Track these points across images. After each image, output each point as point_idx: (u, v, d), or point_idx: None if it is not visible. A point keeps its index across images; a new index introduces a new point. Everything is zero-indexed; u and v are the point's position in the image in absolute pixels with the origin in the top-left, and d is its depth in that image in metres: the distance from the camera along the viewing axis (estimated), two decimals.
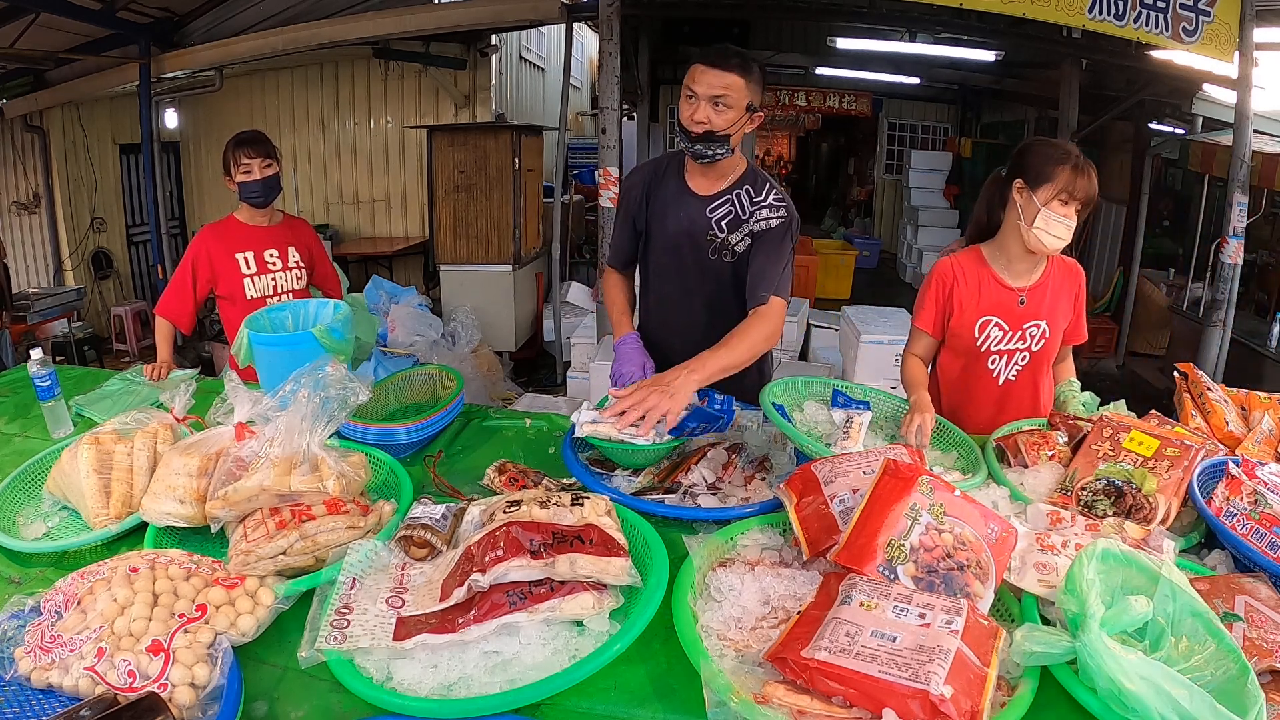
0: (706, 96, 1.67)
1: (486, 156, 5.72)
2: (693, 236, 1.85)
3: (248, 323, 1.76)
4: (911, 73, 9.19)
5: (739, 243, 1.83)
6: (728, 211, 1.83)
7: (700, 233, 1.84)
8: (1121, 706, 0.86)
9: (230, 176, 2.41)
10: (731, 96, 1.67)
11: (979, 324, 1.85)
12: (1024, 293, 1.83)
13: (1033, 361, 1.87)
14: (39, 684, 0.93)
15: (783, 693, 0.90)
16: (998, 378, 1.89)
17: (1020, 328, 1.84)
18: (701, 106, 1.68)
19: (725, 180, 1.84)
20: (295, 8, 5.71)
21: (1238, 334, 4.74)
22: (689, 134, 1.71)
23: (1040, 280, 1.83)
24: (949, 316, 1.88)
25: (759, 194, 1.83)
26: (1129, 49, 4.71)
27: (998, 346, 1.86)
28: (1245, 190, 4.17)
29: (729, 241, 1.84)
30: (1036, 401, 1.90)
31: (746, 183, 1.84)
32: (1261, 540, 1.19)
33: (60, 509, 1.41)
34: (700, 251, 1.85)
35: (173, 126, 7.12)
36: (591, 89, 11.45)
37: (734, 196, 1.83)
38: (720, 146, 1.73)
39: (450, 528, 1.18)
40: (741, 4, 6.56)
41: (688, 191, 1.85)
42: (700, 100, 1.68)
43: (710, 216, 1.83)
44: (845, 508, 1.17)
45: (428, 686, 0.95)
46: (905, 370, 1.93)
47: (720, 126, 1.69)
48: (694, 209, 1.84)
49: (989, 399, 1.90)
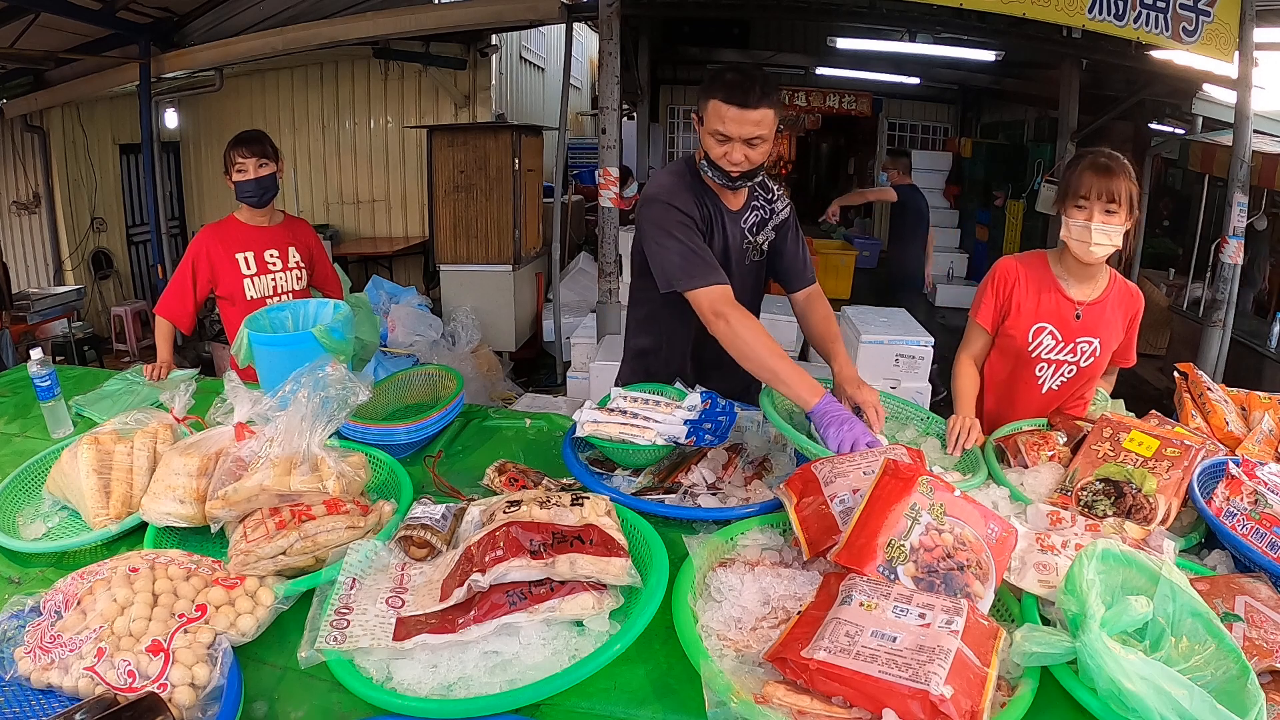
0: (741, 138, 1.63)
1: (486, 156, 5.72)
2: (735, 249, 1.85)
3: (248, 323, 1.76)
4: (911, 73, 9.18)
5: (764, 241, 1.90)
6: (756, 217, 1.87)
7: (738, 245, 1.86)
8: (1122, 707, 0.86)
9: (228, 177, 2.42)
10: (765, 132, 1.64)
11: (1033, 329, 1.82)
12: (1082, 307, 1.80)
13: (1079, 375, 1.85)
14: (39, 684, 0.93)
15: (783, 693, 0.90)
16: (1042, 385, 1.87)
17: (1073, 340, 1.82)
18: (737, 148, 1.64)
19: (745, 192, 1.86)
20: (295, 8, 5.70)
21: (1238, 334, 4.74)
22: (729, 175, 1.68)
23: (1100, 298, 1.81)
24: (1005, 316, 1.87)
25: (766, 190, 1.91)
26: (1129, 49, 4.71)
27: (1048, 355, 1.84)
28: (1245, 190, 4.17)
29: (758, 243, 1.89)
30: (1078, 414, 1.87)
31: (756, 187, 1.88)
32: (1261, 540, 1.19)
33: (60, 509, 1.41)
34: (740, 261, 1.86)
35: (173, 126, 7.11)
36: (591, 89, 11.44)
37: (755, 203, 1.88)
38: (756, 175, 1.74)
39: (450, 528, 1.18)
40: (741, 4, 6.56)
41: (725, 210, 1.84)
42: (735, 143, 1.64)
43: (743, 226, 1.86)
44: (845, 508, 1.17)
45: (428, 686, 0.95)
46: (957, 378, 1.90)
47: (758, 161, 1.68)
48: (731, 224, 1.84)
49: (1031, 405, 1.88)
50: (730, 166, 1.66)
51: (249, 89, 7.15)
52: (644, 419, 1.46)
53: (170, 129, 7.09)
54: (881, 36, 7.14)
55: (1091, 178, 1.65)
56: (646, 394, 1.58)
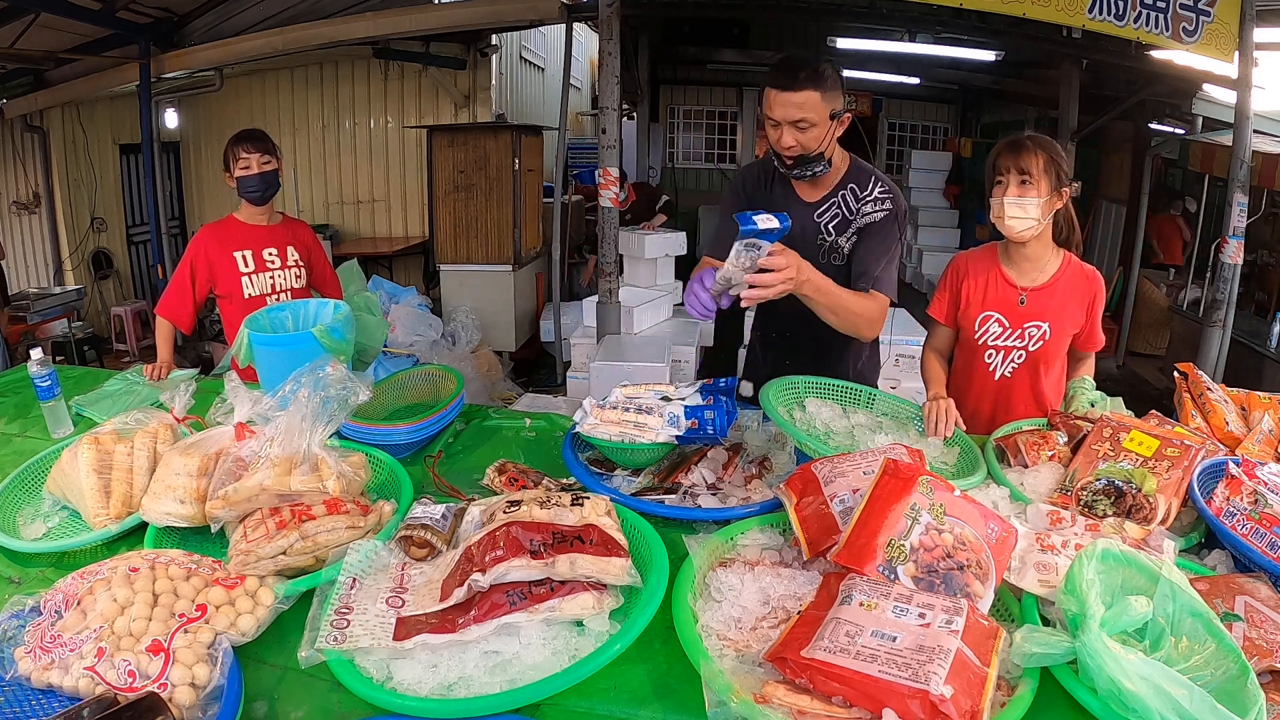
0: (787, 121, 1.66)
1: (486, 156, 5.72)
2: (803, 243, 1.81)
3: (248, 322, 1.76)
4: (911, 73, 9.18)
5: (846, 244, 1.85)
6: (835, 214, 1.84)
7: (810, 238, 1.84)
8: (1122, 706, 0.86)
9: (230, 173, 2.41)
10: (811, 115, 1.65)
11: (980, 318, 1.90)
12: (1027, 292, 1.86)
13: (1029, 360, 1.89)
14: (39, 684, 0.93)
15: (783, 693, 0.89)
16: (994, 372, 1.93)
17: (1020, 326, 1.88)
18: (786, 132, 1.67)
19: (830, 184, 1.85)
20: (295, 8, 5.70)
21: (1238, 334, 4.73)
22: (783, 160, 1.72)
23: (1048, 283, 1.86)
24: (958, 308, 1.95)
25: (864, 189, 1.84)
26: (1129, 49, 4.70)
27: (995, 342, 1.90)
28: (1245, 190, 4.17)
29: (838, 244, 1.85)
30: (1037, 400, 1.92)
31: (851, 181, 1.84)
32: (1261, 540, 1.19)
33: (60, 509, 1.41)
34: (811, 258, 1.78)
35: (173, 126, 7.12)
36: (591, 89, 11.44)
37: (839, 198, 1.84)
38: (817, 164, 1.74)
39: (450, 528, 1.18)
40: (742, 4, 6.56)
41: (795, 198, 1.85)
42: (783, 126, 1.67)
43: (818, 221, 1.84)
44: (845, 508, 1.17)
45: (428, 686, 0.95)
46: (923, 367, 2.01)
47: (810, 147, 1.69)
48: (802, 215, 1.82)
49: (986, 392, 1.95)
50: (783, 152, 1.70)
51: (249, 89, 7.15)
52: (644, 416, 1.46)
53: (170, 129, 7.09)
54: (881, 36, 7.14)
55: (1004, 155, 1.74)
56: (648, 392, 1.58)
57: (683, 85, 10.30)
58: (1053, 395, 1.94)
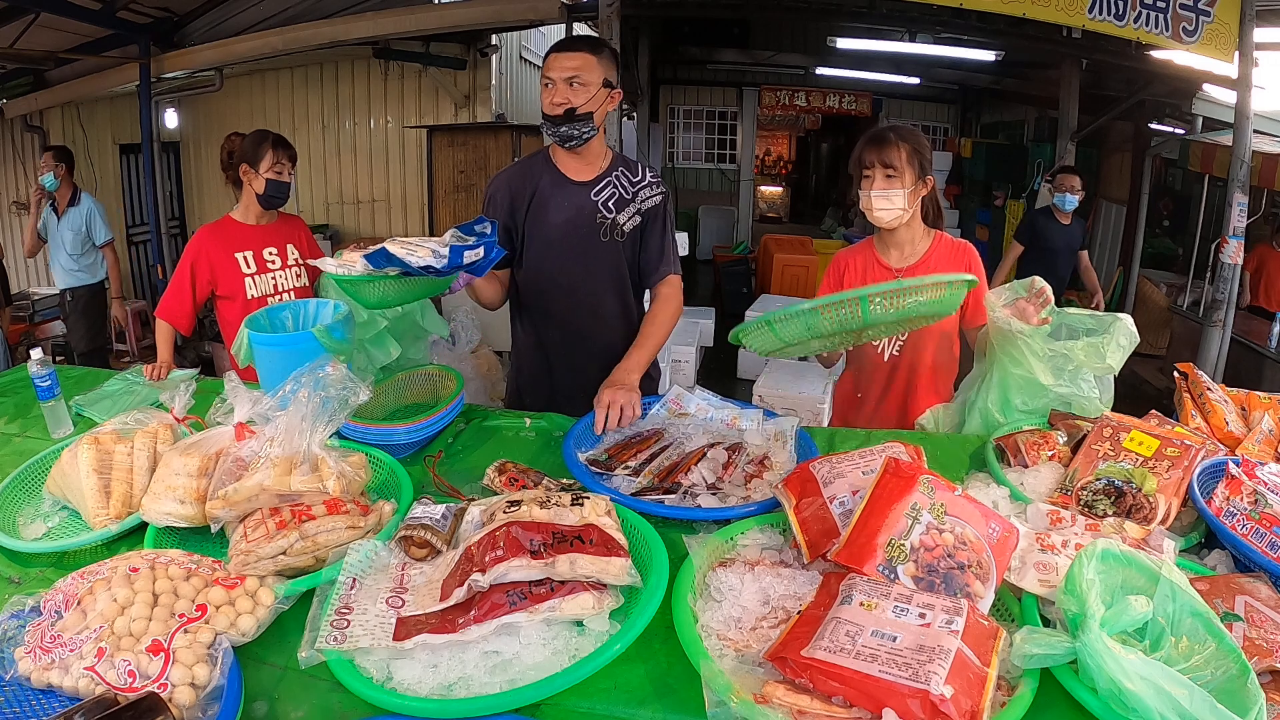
0: (562, 79, 1.74)
1: (486, 156, 5.74)
2: (581, 222, 1.87)
3: (248, 322, 1.76)
4: (911, 73, 9.19)
5: (627, 222, 1.91)
6: (611, 193, 1.89)
7: (588, 217, 1.88)
8: (1122, 706, 0.86)
9: (254, 170, 2.40)
10: (585, 74, 1.73)
11: None
12: (900, 273, 1.92)
13: (911, 339, 1.95)
14: (39, 684, 0.93)
15: (783, 692, 0.89)
16: (882, 354, 1.99)
17: None
18: (559, 88, 1.74)
19: (600, 165, 1.90)
20: (295, 8, 5.71)
21: (1237, 334, 4.74)
22: (551, 118, 1.77)
23: (919, 261, 1.93)
24: None
25: (635, 174, 1.93)
26: (1129, 49, 4.71)
27: None
28: (1245, 190, 4.17)
29: (618, 222, 1.90)
30: (932, 374, 1.98)
31: (620, 165, 1.92)
32: (1261, 540, 1.19)
33: (60, 509, 1.41)
34: (591, 236, 1.89)
35: (173, 126, 7.12)
36: None
37: (613, 178, 1.90)
38: (584, 125, 1.77)
39: (450, 528, 1.18)
40: (741, 4, 6.56)
41: (567, 181, 1.88)
42: (557, 84, 1.74)
43: (595, 200, 1.88)
44: (845, 510, 1.17)
45: (428, 686, 0.95)
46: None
47: (580, 103, 1.74)
48: (578, 195, 1.87)
49: (881, 374, 2.01)
50: (552, 109, 1.76)
51: (249, 89, 7.16)
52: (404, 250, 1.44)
53: (170, 129, 7.09)
54: (881, 36, 7.15)
55: (869, 150, 1.81)
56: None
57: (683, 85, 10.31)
58: (944, 369, 2.00)
